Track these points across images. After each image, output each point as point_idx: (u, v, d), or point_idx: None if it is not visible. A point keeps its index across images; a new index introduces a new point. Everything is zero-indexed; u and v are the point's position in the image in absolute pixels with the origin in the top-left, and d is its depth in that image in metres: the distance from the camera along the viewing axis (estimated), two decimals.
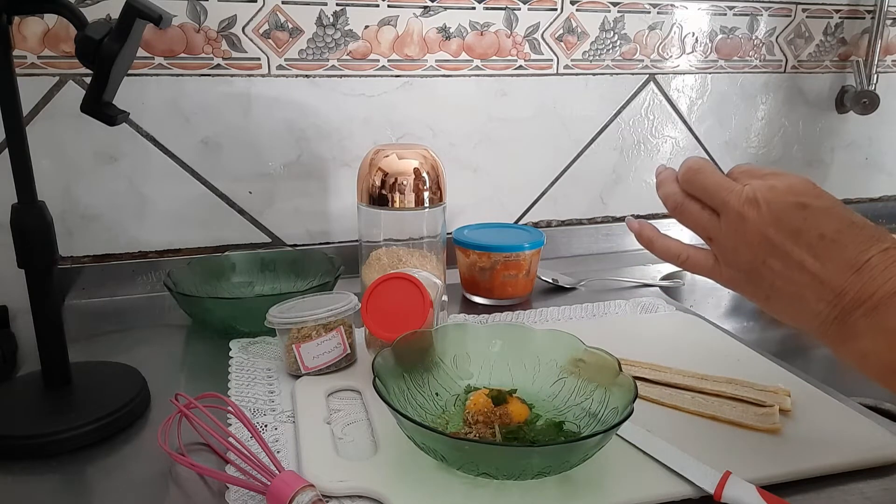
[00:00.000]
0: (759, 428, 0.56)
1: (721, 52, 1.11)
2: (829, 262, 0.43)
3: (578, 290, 0.93)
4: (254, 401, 0.62)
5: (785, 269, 0.44)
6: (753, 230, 0.45)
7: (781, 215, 0.44)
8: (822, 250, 0.43)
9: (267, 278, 0.87)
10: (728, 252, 0.47)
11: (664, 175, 0.52)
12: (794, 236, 0.43)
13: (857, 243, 0.43)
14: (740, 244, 0.46)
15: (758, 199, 0.45)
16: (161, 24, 0.52)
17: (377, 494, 0.48)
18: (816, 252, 0.43)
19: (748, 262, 0.46)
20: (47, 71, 0.82)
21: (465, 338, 0.62)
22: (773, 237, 0.44)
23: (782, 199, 0.44)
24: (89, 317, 0.83)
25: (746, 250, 0.45)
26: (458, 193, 0.98)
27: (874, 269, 0.42)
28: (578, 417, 0.55)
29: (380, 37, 0.93)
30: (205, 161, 0.90)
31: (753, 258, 0.45)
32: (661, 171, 0.53)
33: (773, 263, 0.44)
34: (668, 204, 0.50)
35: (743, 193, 0.46)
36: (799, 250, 0.43)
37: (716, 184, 0.47)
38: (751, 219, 0.45)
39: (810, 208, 0.44)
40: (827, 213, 0.44)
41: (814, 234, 0.43)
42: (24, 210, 0.57)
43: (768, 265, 0.45)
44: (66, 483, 0.52)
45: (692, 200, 0.49)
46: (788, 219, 0.44)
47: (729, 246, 0.46)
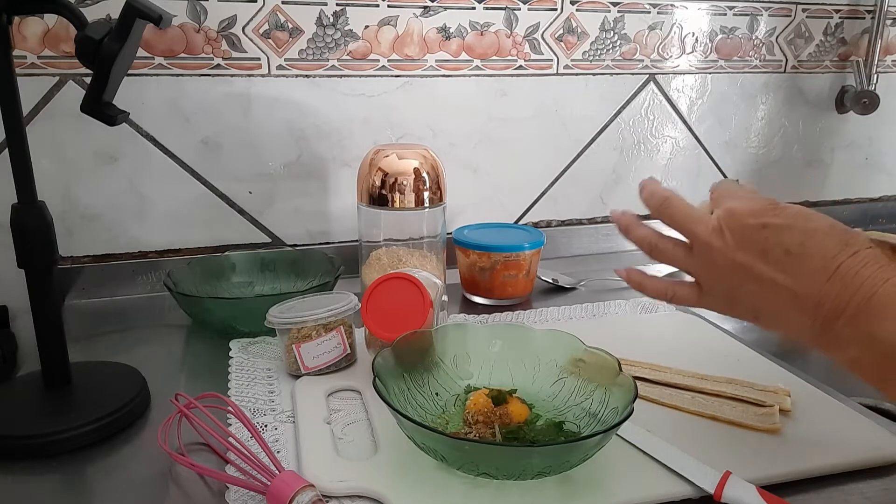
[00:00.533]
0: (759, 428, 0.56)
1: (721, 52, 1.11)
2: (799, 275, 0.43)
3: (578, 290, 0.93)
4: (254, 401, 0.62)
5: (761, 289, 0.45)
6: (722, 258, 0.46)
7: (744, 239, 0.45)
8: (790, 265, 0.44)
9: (267, 278, 0.87)
10: (707, 282, 0.48)
11: (627, 220, 0.53)
12: (762, 257, 0.44)
13: (823, 252, 0.43)
14: (714, 273, 0.47)
15: (721, 227, 0.46)
16: (161, 24, 0.53)
17: (377, 494, 0.48)
18: (786, 268, 0.44)
19: (727, 289, 0.47)
20: (47, 71, 0.82)
21: (465, 338, 0.62)
22: (742, 261, 0.45)
23: (742, 222, 0.46)
24: (89, 317, 0.83)
25: (721, 278, 0.47)
26: (458, 193, 0.98)
27: (845, 275, 0.42)
28: (578, 417, 0.55)
29: (380, 37, 0.93)
30: (205, 161, 0.90)
31: (730, 284, 0.46)
32: (619, 216, 0.54)
33: (749, 287, 0.45)
34: (644, 247, 0.52)
35: (708, 223, 0.47)
36: (769, 269, 0.44)
37: (684, 216, 0.49)
38: (717, 248, 0.46)
39: (770, 227, 0.45)
40: (788, 229, 0.44)
41: (779, 252, 0.44)
42: (24, 210, 0.57)
43: (745, 289, 0.45)
44: (66, 483, 0.52)
45: (664, 239, 0.51)
46: (752, 241, 0.45)
47: (706, 276, 0.48)
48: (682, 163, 1.14)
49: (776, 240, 0.44)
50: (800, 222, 0.45)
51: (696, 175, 1.15)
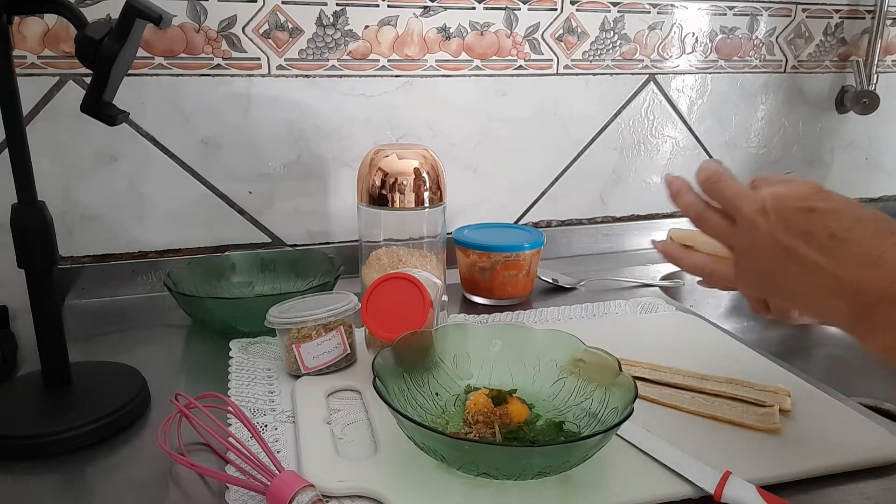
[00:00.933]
0: (759, 428, 0.56)
1: (721, 52, 1.11)
2: (843, 260, 0.43)
3: (578, 290, 0.93)
4: (254, 401, 0.62)
5: (802, 271, 0.45)
6: (765, 238, 0.46)
7: (790, 221, 0.45)
8: (834, 250, 0.44)
9: (267, 278, 0.87)
10: (746, 261, 0.48)
11: (679, 185, 0.53)
12: (806, 239, 0.44)
13: (868, 238, 0.43)
14: (755, 253, 0.47)
15: (766, 207, 0.46)
16: (161, 24, 0.53)
17: (377, 494, 0.48)
18: (830, 252, 0.44)
19: (766, 270, 0.47)
20: (47, 71, 0.82)
21: (465, 338, 0.62)
22: (786, 243, 0.45)
23: (789, 204, 0.46)
24: (89, 317, 0.83)
25: (762, 258, 0.47)
26: (458, 193, 0.98)
27: (888, 261, 0.42)
28: (578, 417, 0.55)
29: (380, 37, 0.93)
30: (205, 161, 0.90)
31: (770, 265, 0.46)
32: (672, 180, 0.54)
33: (789, 267, 0.45)
34: (690, 214, 0.51)
35: (755, 202, 0.47)
36: (813, 252, 0.44)
37: (733, 193, 0.49)
38: (762, 227, 0.46)
39: (817, 210, 0.45)
40: (834, 214, 0.45)
41: (824, 235, 0.44)
42: (24, 210, 0.57)
43: (785, 269, 0.45)
44: (66, 483, 0.52)
45: (711, 210, 0.50)
46: (797, 223, 0.45)
47: (746, 255, 0.48)
48: (682, 163, 1.14)
49: (822, 224, 0.44)
50: (847, 209, 0.45)
51: None
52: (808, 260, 0.44)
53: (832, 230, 0.44)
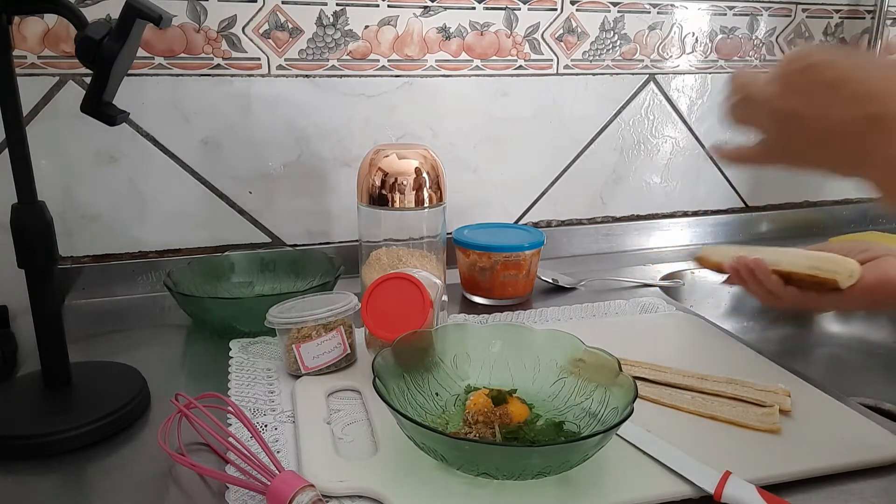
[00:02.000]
0: (759, 428, 0.56)
1: (721, 52, 1.11)
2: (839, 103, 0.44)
3: (578, 290, 0.93)
4: (254, 401, 0.62)
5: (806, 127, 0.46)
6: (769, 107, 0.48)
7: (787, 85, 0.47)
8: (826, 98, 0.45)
9: (267, 278, 0.87)
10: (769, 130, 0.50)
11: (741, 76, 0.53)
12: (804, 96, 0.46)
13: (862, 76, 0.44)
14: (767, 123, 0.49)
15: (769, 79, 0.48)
16: (161, 24, 0.53)
17: (377, 494, 0.48)
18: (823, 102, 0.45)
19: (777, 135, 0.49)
20: (47, 71, 0.82)
21: (465, 338, 0.62)
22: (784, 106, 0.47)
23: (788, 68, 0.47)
24: (89, 317, 0.83)
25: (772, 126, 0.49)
26: (458, 193, 0.98)
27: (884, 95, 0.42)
28: (578, 417, 0.55)
29: (380, 37, 0.93)
30: (205, 161, 0.90)
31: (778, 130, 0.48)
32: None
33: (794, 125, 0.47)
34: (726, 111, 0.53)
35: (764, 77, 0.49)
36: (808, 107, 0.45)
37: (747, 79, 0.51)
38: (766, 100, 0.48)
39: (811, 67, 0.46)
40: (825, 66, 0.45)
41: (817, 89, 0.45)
42: (24, 210, 0.57)
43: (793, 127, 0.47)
44: (66, 483, 0.52)
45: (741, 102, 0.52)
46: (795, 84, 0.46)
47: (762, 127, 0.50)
48: (682, 163, 1.14)
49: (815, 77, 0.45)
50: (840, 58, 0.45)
51: (696, 175, 1.15)
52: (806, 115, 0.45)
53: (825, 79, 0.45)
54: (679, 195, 1.15)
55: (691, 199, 1.16)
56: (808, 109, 0.45)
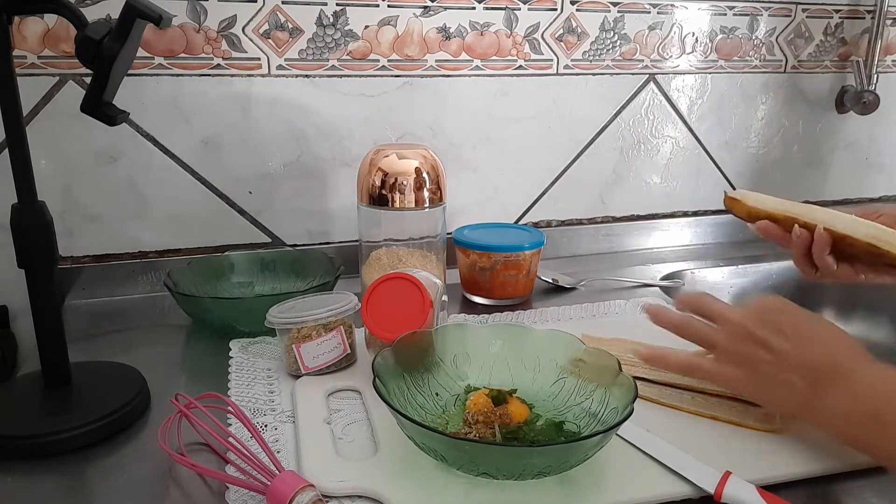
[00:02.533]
0: (759, 428, 0.56)
1: (721, 52, 1.11)
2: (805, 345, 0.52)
3: (578, 290, 0.93)
4: (254, 401, 0.62)
5: (773, 358, 0.52)
6: (743, 332, 0.54)
7: (764, 318, 0.54)
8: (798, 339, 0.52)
9: (267, 278, 0.87)
10: (726, 353, 0.55)
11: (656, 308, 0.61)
12: (777, 332, 0.53)
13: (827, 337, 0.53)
14: (734, 343, 0.55)
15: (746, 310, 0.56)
16: (161, 24, 0.53)
17: (377, 494, 0.48)
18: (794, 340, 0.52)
19: (742, 357, 0.54)
20: (47, 71, 0.82)
21: (465, 338, 0.62)
22: (758, 333, 0.53)
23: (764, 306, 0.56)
24: (89, 317, 0.83)
25: (740, 347, 0.54)
26: (458, 193, 0.98)
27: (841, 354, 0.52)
28: (578, 417, 0.55)
29: (380, 37, 0.93)
30: (205, 161, 0.90)
31: (746, 352, 0.54)
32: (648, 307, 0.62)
33: (762, 355, 0.53)
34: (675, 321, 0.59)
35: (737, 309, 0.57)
36: (781, 343, 0.52)
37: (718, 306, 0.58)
38: (741, 324, 0.55)
39: (786, 311, 0.55)
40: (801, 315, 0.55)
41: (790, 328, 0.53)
42: (24, 210, 0.57)
43: (759, 357, 0.53)
44: (66, 483, 0.52)
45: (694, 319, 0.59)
46: (769, 320, 0.54)
47: (726, 346, 0.55)
48: (682, 163, 1.14)
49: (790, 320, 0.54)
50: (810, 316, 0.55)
51: (696, 175, 1.15)
52: (774, 346, 0.52)
53: (798, 325, 0.53)
54: (679, 195, 1.15)
55: (691, 199, 1.16)
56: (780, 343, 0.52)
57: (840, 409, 0.49)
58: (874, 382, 0.49)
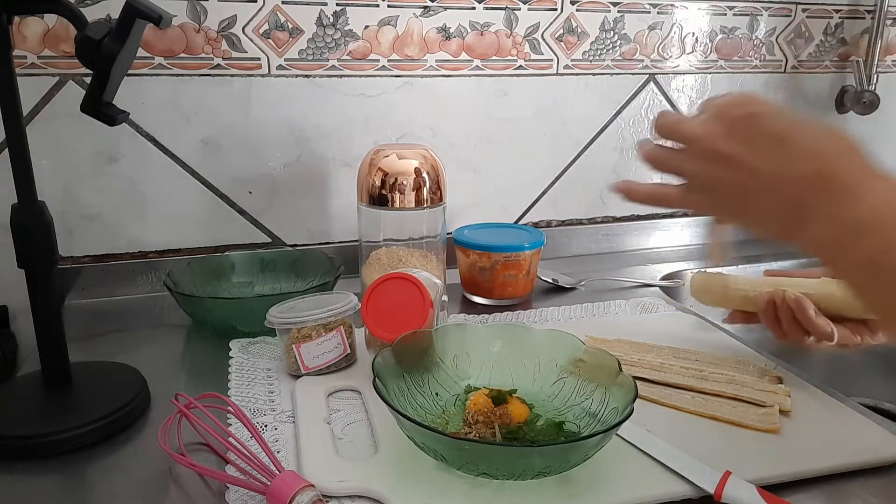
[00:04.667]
0: (759, 428, 0.56)
1: (721, 52, 1.11)
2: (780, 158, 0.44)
3: (578, 290, 0.93)
4: (254, 401, 0.62)
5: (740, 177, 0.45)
6: (708, 147, 0.46)
7: (731, 128, 0.46)
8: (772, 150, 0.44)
9: (267, 278, 0.87)
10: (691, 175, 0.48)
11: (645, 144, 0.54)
12: (747, 144, 0.45)
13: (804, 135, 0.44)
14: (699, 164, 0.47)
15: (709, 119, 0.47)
16: (161, 24, 0.52)
17: (377, 494, 0.48)
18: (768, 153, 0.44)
19: (710, 181, 0.47)
20: (47, 71, 0.82)
21: (465, 338, 0.62)
22: (726, 149, 0.45)
23: (730, 112, 0.46)
24: (89, 317, 0.83)
25: (706, 168, 0.47)
26: (458, 193, 0.98)
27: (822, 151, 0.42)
28: (578, 417, 0.55)
29: (380, 37, 0.93)
30: (205, 161, 0.90)
31: (713, 175, 0.46)
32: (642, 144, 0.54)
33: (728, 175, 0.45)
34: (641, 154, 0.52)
35: (699, 119, 0.48)
36: (753, 156, 0.44)
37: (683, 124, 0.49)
38: (703, 137, 0.46)
39: (757, 115, 0.45)
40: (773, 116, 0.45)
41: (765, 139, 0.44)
42: (24, 210, 0.57)
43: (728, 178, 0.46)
44: (66, 483, 0.52)
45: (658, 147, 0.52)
46: (738, 129, 0.45)
47: (691, 169, 0.48)
48: None
49: (762, 127, 0.45)
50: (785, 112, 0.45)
51: None
52: (747, 164, 0.44)
53: (772, 132, 0.44)
54: None
55: None
56: (751, 159, 0.44)
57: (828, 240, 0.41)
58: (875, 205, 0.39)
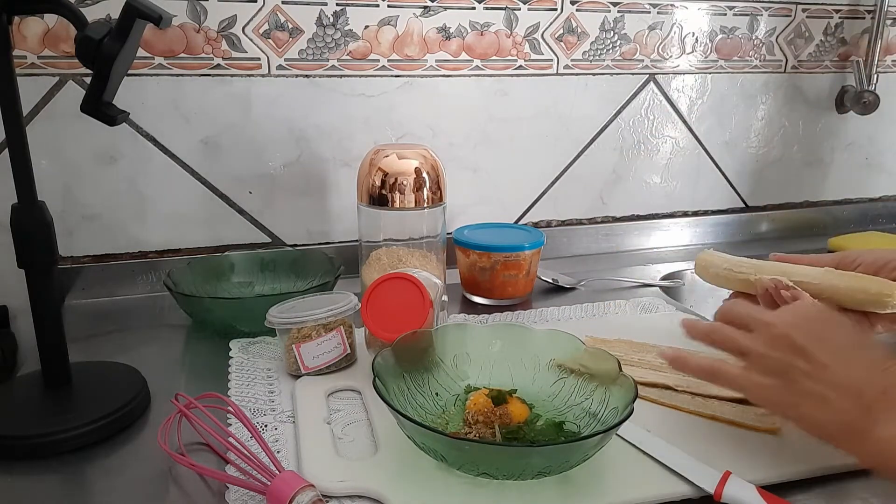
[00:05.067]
0: (759, 428, 0.56)
1: (721, 52, 1.11)
2: (851, 364, 0.47)
3: (578, 290, 0.93)
4: (254, 401, 0.62)
5: (812, 369, 0.47)
6: (781, 334, 0.49)
7: (806, 322, 0.49)
8: (844, 354, 0.47)
9: (267, 278, 0.87)
10: (758, 356, 0.50)
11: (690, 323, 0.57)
12: (818, 341, 0.48)
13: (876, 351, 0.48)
14: (769, 349, 0.50)
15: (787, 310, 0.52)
16: (161, 24, 0.53)
17: (377, 494, 0.48)
18: (838, 355, 0.47)
19: (776, 365, 0.49)
20: (47, 71, 0.82)
21: (465, 338, 0.62)
22: (798, 339, 0.48)
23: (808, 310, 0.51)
24: (89, 317, 0.83)
25: (775, 353, 0.49)
26: (458, 193, 0.98)
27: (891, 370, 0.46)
28: (578, 417, 0.55)
29: (380, 37, 0.93)
30: (205, 161, 0.90)
31: (782, 359, 0.49)
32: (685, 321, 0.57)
33: (799, 364, 0.48)
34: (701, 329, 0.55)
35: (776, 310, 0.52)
36: (822, 354, 0.47)
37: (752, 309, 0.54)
38: (779, 324, 0.50)
39: (833, 320, 0.50)
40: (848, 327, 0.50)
41: (835, 342, 0.48)
42: (24, 210, 0.57)
43: (795, 366, 0.48)
44: (66, 483, 0.52)
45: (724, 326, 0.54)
46: (812, 326, 0.49)
47: (760, 352, 0.50)
48: (682, 163, 1.14)
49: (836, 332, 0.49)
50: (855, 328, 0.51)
51: (696, 175, 1.15)
52: (816, 359, 0.47)
53: (843, 338, 0.48)
54: (679, 195, 1.15)
55: (691, 199, 1.16)
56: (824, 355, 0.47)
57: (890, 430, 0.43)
58: None
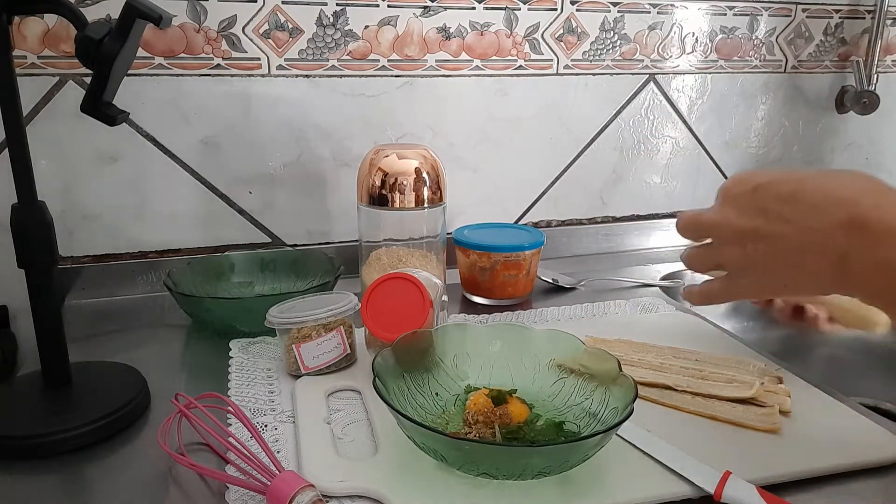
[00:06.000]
0: (759, 428, 0.56)
1: (721, 52, 1.11)
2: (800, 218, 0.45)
3: (578, 290, 0.93)
4: (254, 401, 0.62)
5: (772, 248, 0.46)
6: (728, 231, 0.48)
7: (741, 206, 0.48)
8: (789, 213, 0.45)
9: (267, 278, 0.87)
10: (729, 263, 0.50)
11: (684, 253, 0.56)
12: (762, 215, 0.46)
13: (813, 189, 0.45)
14: (729, 250, 0.49)
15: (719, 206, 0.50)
16: (161, 24, 0.52)
17: (377, 494, 0.48)
18: (786, 217, 0.45)
19: (745, 261, 0.48)
20: (47, 71, 0.82)
21: (465, 338, 0.62)
22: (745, 225, 0.47)
23: (734, 192, 0.49)
24: (89, 317, 0.83)
25: (736, 251, 0.48)
26: (458, 193, 0.98)
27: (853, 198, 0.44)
28: (578, 417, 0.55)
29: (380, 37, 0.93)
30: (205, 161, 0.90)
31: (744, 254, 0.48)
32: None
33: (760, 248, 0.47)
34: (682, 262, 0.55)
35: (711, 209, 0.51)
36: (770, 224, 0.46)
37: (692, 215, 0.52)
38: (721, 222, 0.49)
39: (761, 186, 0.47)
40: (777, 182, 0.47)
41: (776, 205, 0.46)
42: (24, 210, 0.57)
43: (759, 252, 0.47)
44: (66, 483, 0.52)
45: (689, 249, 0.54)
46: (747, 206, 0.47)
47: (725, 257, 0.50)
48: (682, 163, 1.14)
49: (769, 195, 0.46)
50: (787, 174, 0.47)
51: (696, 175, 1.15)
52: (771, 233, 0.46)
53: (780, 196, 0.46)
54: (679, 195, 1.15)
55: (691, 199, 1.16)
56: (771, 225, 0.46)
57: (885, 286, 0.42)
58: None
